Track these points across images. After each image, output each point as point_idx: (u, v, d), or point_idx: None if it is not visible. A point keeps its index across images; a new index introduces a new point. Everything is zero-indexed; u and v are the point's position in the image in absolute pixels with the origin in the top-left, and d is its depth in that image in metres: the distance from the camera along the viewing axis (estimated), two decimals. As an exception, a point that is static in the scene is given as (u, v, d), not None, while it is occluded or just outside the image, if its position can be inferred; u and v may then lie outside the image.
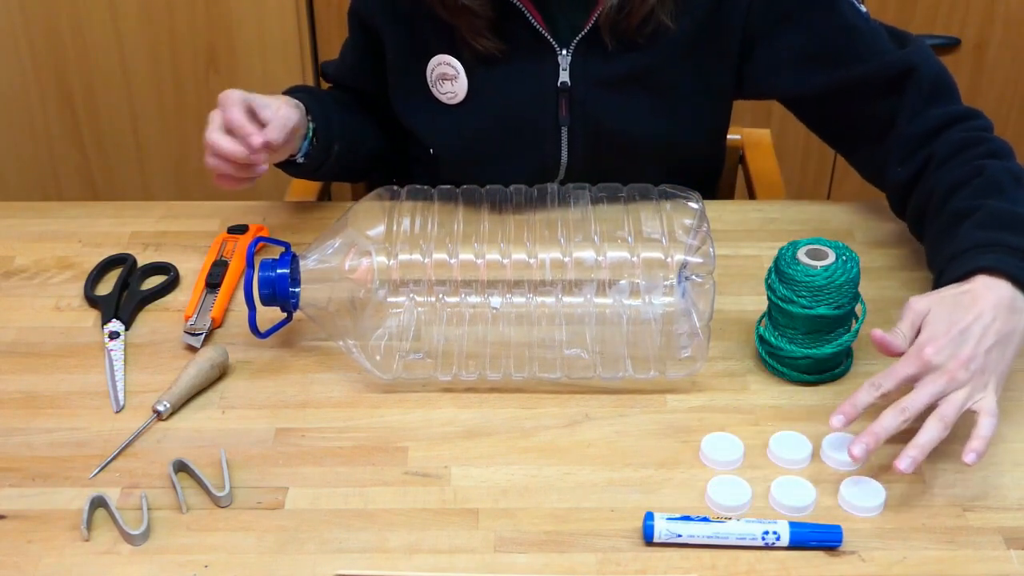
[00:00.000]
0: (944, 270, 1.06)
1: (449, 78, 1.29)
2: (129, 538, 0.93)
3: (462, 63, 1.28)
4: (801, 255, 1.07)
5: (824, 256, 1.07)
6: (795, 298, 1.06)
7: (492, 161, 1.32)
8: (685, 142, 1.33)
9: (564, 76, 1.26)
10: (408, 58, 1.31)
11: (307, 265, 1.09)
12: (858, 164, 1.32)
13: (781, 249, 1.09)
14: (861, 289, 1.08)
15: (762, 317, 1.12)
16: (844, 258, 1.07)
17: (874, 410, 0.97)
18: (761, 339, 1.11)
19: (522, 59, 1.27)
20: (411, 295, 1.08)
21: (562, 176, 1.33)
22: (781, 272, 1.07)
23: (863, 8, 1.26)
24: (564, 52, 1.26)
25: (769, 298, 1.09)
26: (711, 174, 1.48)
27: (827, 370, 1.10)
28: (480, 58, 1.26)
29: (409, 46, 1.30)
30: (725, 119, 1.38)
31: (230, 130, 1.14)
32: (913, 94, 1.23)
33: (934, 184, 1.17)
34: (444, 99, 1.30)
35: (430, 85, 1.30)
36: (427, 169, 1.35)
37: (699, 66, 1.28)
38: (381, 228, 1.08)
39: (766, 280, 1.10)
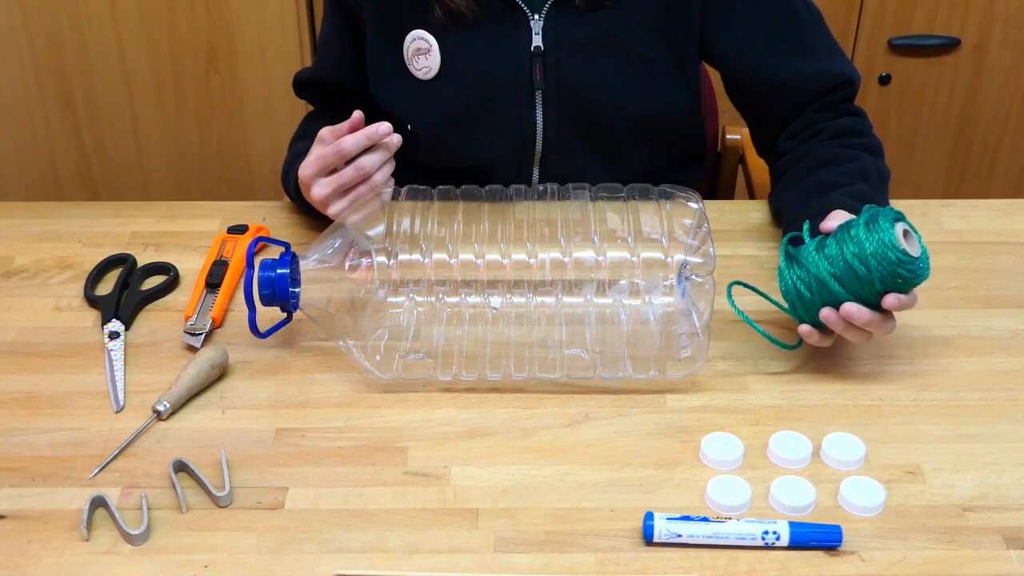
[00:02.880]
0: (813, 220, 1.14)
1: (423, 52, 1.31)
2: (129, 538, 0.93)
3: (436, 35, 1.30)
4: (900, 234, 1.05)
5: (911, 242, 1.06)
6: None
7: (470, 133, 1.34)
8: (659, 111, 1.35)
9: (537, 40, 1.29)
10: (387, 36, 1.32)
11: (307, 265, 1.09)
12: (756, 131, 1.40)
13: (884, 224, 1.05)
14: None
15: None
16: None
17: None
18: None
19: (495, 27, 1.29)
20: (411, 295, 1.08)
21: (540, 147, 1.34)
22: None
23: (815, 9, 1.35)
24: (536, 17, 1.29)
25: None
26: (695, 151, 1.48)
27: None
28: (454, 25, 1.28)
29: (387, 23, 1.32)
30: (696, 90, 1.40)
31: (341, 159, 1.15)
32: (840, 105, 1.33)
33: (811, 150, 1.30)
34: (420, 75, 1.32)
35: (407, 62, 1.32)
36: (405, 148, 1.35)
37: (667, 32, 1.31)
38: (381, 228, 1.09)
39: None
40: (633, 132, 1.35)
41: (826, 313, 1.06)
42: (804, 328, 1.08)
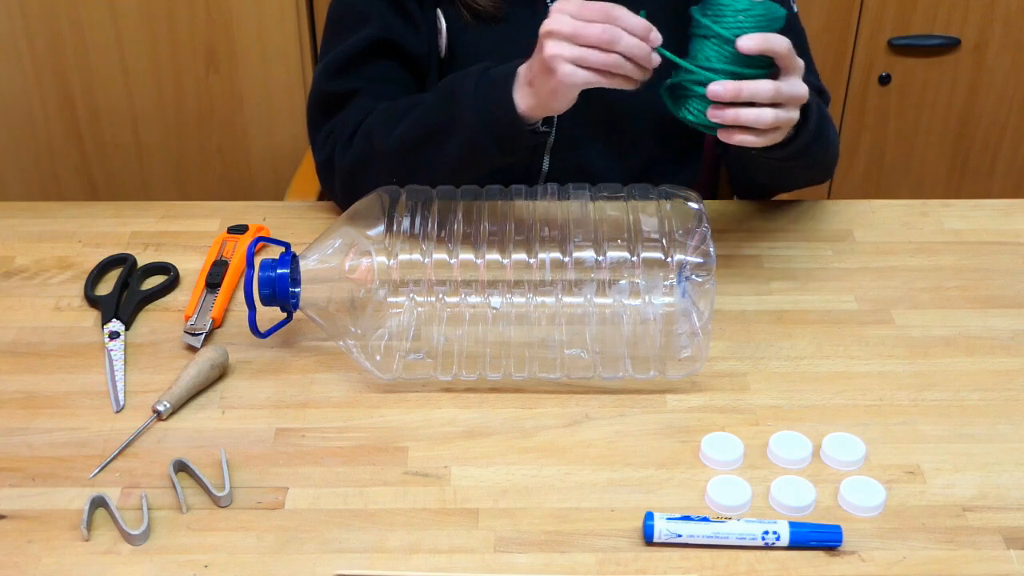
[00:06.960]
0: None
1: (437, 32, 1.32)
2: (129, 538, 0.93)
3: (451, 19, 1.31)
4: None
5: None
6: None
7: None
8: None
9: None
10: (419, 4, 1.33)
11: (307, 265, 1.09)
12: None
13: None
14: (861, 288, 1.08)
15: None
16: None
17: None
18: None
19: (515, 16, 1.30)
20: (411, 295, 1.08)
21: (552, 136, 1.34)
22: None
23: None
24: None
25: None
26: (696, 141, 1.48)
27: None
28: (477, 17, 1.30)
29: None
30: None
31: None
32: None
33: None
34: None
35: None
36: None
37: (679, 25, 1.29)
38: (381, 228, 1.08)
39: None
40: (643, 123, 1.35)
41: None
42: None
